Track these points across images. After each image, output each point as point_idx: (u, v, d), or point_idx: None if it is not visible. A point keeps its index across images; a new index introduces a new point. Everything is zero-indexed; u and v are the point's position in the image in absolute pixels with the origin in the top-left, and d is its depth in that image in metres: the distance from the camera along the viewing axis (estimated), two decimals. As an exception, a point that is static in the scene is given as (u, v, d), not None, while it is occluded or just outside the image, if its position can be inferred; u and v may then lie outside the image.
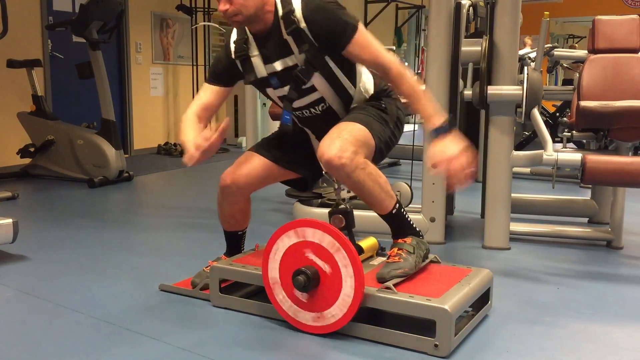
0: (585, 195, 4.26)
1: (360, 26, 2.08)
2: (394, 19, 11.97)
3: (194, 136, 2.10)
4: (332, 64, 2.15)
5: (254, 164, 2.32)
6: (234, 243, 2.57)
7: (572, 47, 11.29)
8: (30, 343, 2.06)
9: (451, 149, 1.94)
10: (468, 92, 3.31)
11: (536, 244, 3.42)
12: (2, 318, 2.30)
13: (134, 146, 7.30)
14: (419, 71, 9.05)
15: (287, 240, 2.11)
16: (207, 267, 2.52)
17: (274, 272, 2.15)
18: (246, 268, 2.30)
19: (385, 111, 2.24)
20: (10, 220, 2.94)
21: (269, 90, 2.27)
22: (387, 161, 6.53)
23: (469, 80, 3.37)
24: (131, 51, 7.19)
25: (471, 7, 3.59)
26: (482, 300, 2.28)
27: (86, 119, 5.67)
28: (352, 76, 2.23)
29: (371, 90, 2.28)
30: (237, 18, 2.06)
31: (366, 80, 2.28)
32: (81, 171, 5.21)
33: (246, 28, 2.19)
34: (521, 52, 4.89)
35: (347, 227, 2.23)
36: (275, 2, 2.12)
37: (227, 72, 2.27)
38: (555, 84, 11.99)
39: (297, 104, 2.22)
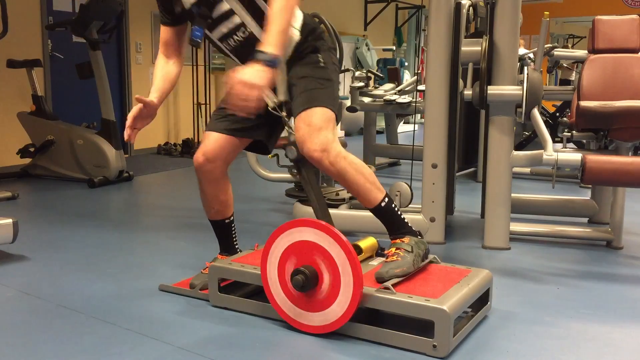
0: (585, 195, 4.27)
1: None
2: (394, 19, 11.98)
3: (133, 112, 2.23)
4: None
5: (213, 138, 2.37)
6: (224, 235, 2.57)
7: (564, 47, 11.27)
8: (30, 343, 2.06)
9: (248, 75, 1.88)
10: (468, 92, 3.30)
11: (536, 244, 3.42)
12: (2, 318, 2.30)
13: (134, 146, 7.30)
14: (418, 71, 9.04)
15: (285, 240, 2.11)
16: (205, 269, 2.52)
17: (272, 271, 2.15)
18: (245, 268, 2.31)
19: (326, 67, 2.26)
20: (10, 220, 2.94)
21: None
22: (387, 161, 6.53)
23: (469, 80, 3.37)
24: (131, 51, 7.19)
25: (471, 7, 3.59)
26: (482, 300, 2.28)
27: (86, 119, 5.66)
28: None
29: (298, 27, 2.23)
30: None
31: None
32: (81, 171, 5.21)
33: None
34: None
35: (299, 157, 2.22)
36: None
37: (165, 8, 2.32)
38: (555, 84, 11.98)
39: (219, 31, 2.24)
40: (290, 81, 2.23)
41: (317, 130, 2.11)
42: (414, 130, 4.11)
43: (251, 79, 1.87)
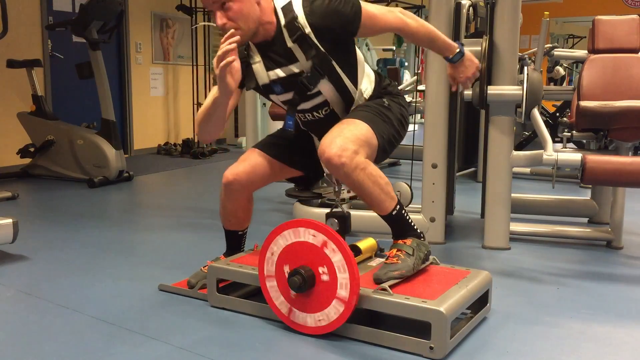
0: (585, 195, 4.26)
1: (362, 6, 2.09)
2: (394, 18, 11.95)
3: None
4: (338, 68, 2.15)
5: (256, 160, 2.33)
6: (234, 243, 2.57)
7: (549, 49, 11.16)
8: (30, 343, 2.06)
9: (469, 67, 2.27)
10: (468, 92, 3.30)
11: (536, 244, 3.42)
12: (2, 318, 2.30)
13: (134, 146, 7.30)
14: (418, 71, 9.03)
15: (283, 241, 2.11)
16: (205, 267, 2.52)
17: (270, 272, 2.15)
18: (243, 268, 2.30)
19: (389, 109, 2.24)
20: (10, 220, 2.94)
21: (272, 96, 2.27)
22: (387, 161, 6.53)
23: (469, 80, 3.36)
24: (131, 51, 7.19)
25: (471, 7, 3.59)
26: (481, 302, 2.27)
27: (86, 119, 5.67)
28: (354, 77, 2.23)
29: (370, 89, 2.27)
30: (237, 33, 1.95)
31: (367, 79, 2.27)
32: (81, 171, 5.21)
33: None
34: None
35: (340, 232, 2.20)
36: (276, 11, 2.10)
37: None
38: (555, 84, 11.94)
39: (300, 107, 2.24)
40: None
41: (347, 139, 2.01)
42: (414, 130, 4.10)
43: (473, 68, 2.29)
